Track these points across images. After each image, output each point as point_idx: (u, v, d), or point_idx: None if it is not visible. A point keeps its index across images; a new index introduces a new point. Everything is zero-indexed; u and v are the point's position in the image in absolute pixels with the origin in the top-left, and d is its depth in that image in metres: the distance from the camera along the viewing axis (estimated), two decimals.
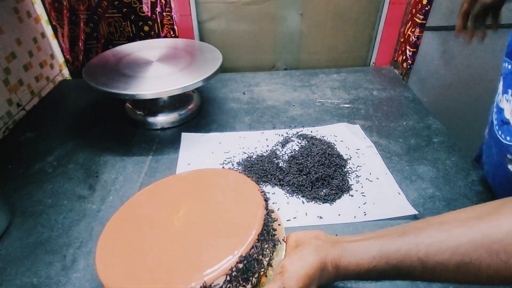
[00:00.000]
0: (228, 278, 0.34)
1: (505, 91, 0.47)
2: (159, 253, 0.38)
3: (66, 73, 1.03)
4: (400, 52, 1.04)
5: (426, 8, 0.91)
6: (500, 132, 0.49)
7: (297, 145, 0.68)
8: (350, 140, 0.71)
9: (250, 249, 0.36)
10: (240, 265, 0.34)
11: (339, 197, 0.58)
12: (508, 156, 0.47)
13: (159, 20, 0.96)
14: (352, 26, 1.05)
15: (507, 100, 0.47)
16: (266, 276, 0.38)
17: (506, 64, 0.48)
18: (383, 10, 1.00)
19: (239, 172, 0.49)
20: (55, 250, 0.49)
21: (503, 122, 0.48)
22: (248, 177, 0.47)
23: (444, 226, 0.31)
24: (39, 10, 0.91)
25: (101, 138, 0.73)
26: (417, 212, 0.54)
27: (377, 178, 0.62)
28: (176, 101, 0.81)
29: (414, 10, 0.95)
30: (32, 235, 0.52)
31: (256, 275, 0.36)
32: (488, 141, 0.55)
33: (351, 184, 0.60)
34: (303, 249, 0.36)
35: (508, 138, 0.47)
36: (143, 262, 0.37)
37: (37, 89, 0.88)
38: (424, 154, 0.68)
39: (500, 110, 0.49)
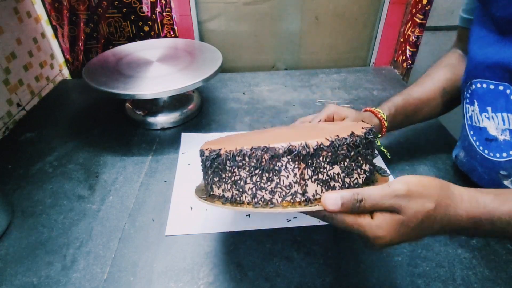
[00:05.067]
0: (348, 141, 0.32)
1: (483, 110, 0.48)
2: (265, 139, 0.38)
3: (66, 73, 1.03)
4: (400, 52, 1.04)
5: (426, 8, 0.91)
6: (486, 151, 0.49)
7: None
8: None
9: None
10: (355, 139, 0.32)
11: None
12: (502, 172, 0.47)
13: (159, 20, 0.96)
14: (352, 26, 1.05)
15: (487, 118, 0.47)
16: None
17: (478, 84, 0.48)
18: (383, 10, 1.00)
19: None
20: (55, 250, 0.49)
21: (489, 139, 0.48)
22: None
23: None
24: (39, 10, 0.91)
25: (101, 138, 0.73)
26: None
27: None
28: (176, 101, 0.81)
29: (414, 10, 0.95)
30: (32, 235, 0.52)
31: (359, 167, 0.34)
32: (470, 165, 0.55)
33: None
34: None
35: (497, 154, 0.47)
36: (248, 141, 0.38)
37: (37, 89, 0.88)
38: (424, 154, 0.68)
39: (480, 130, 0.49)
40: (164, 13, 0.95)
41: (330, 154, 0.32)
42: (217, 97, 0.89)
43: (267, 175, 0.32)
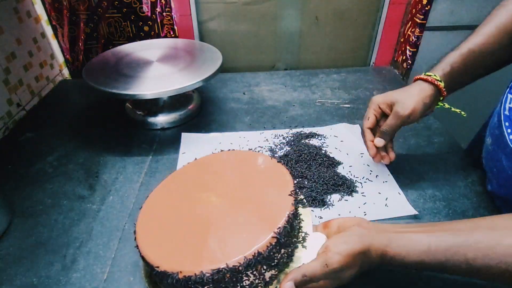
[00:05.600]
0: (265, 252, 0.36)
1: None
2: (195, 233, 0.40)
3: (66, 73, 1.03)
4: (400, 52, 1.04)
5: (426, 8, 0.91)
6: None
7: (295, 147, 0.69)
8: (350, 140, 0.71)
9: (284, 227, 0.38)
10: (275, 241, 0.37)
11: (342, 197, 0.58)
12: None
13: (159, 20, 0.96)
14: (352, 26, 1.05)
15: None
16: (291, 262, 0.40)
17: None
18: (383, 10, 1.00)
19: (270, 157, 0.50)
20: (55, 250, 0.50)
21: None
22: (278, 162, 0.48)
23: (494, 233, 0.34)
24: (39, 10, 0.91)
25: (101, 138, 0.73)
26: (417, 212, 0.54)
27: (377, 177, 0.62)
28: (176, 101, 0.81)
29: (414, 10, 0.95)
30: (32, 235, 0.52)
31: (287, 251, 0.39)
32: (496, 155, 0.52)
33: (356, 187, 0.60)
34: (347, 233, 0.38)
35: None
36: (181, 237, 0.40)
37: (37, 89, 0.88)
38: (424, 154, 0.68)
39: None
40: (164, 13, 0.95)
41: (284, 253, 0.38)
42: (217, 97, 0.89)
43: (231, 284, 0.35)
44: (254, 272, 0.36)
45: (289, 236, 0.38)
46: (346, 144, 0.70)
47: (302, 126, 0.76)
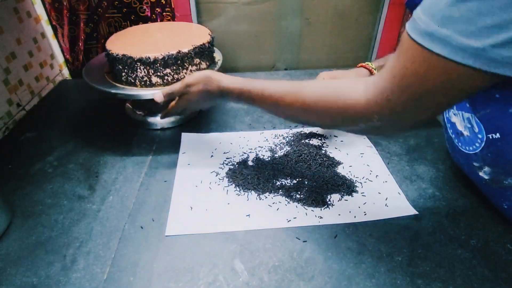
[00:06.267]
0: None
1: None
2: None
3: (66, 73, 1.03)
4: None
5: None
6: (460, 144, 0.52)
7: (296, 147, 0.69)
8: (350, 140, 0.71)
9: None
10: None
11: (342, 197, 0.58)
12: (474, 163, 0.50)
13: (159, 20, 0.96)
14: (352, 26, 1.05)
15: (455, 114, 0.51)
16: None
17: None
18: (383, 10, 1.00)
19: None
20: (55, 250, 0.49)
21: (458, 134, 0.51)
22: None
23: (278, 82, 0.50)
24: (39, 10, 0.91)
25: (101, 138, 0.73)
26: (417, 212, 0.54)
27: (377, 177, 0.62)
28: None
29: None
30: (32, 235, 0.52)
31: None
32: (455, 157, 0.57)
33: (356, 187, 0.60)
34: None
35: (467, 147, 0.50)
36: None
37: (37, 89, 0.88)
38: (424, 154, 0.68)
39: (452, 124, 0.53)
40: (164, 13, 0.95)
41: (162, 62, 0.63)
42: None
43: (130, 70, 0.64)
44: (144, 69, 0.63)
45: (175, 64, 0.64)
46: (346, 144, 0.70)
47: (302, 126, 0.76)
